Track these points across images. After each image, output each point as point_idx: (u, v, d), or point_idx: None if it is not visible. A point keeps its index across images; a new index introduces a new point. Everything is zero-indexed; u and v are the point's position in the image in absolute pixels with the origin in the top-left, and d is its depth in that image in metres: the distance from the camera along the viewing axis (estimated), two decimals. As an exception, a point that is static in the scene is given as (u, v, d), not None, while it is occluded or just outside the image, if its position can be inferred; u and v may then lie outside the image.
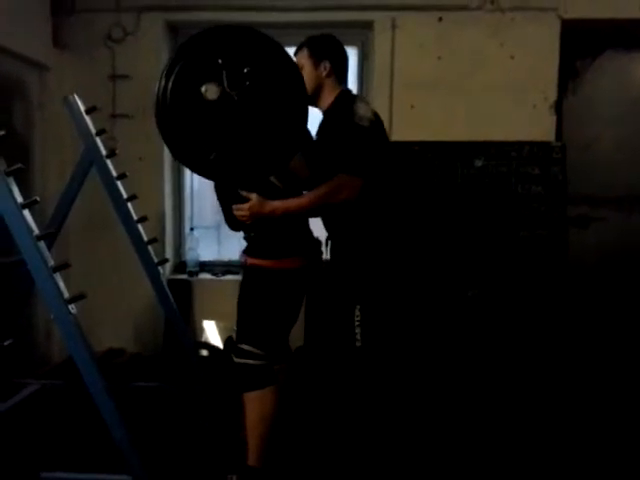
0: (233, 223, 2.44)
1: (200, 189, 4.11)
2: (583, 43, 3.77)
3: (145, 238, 2.97)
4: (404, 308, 2.50)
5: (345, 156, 2.24)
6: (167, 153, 3.60)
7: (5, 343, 2.99)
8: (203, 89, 1.95)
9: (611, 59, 3.83)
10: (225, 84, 1.97)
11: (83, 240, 3.85)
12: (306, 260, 2.44)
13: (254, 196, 2.27)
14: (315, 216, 2.53)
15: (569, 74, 3.79)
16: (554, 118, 3.63)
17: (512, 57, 3.60)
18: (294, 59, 2.24)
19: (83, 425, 2.54)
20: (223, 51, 2.00)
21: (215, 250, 4.10)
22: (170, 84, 1.98)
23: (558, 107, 3.67)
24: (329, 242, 2.53)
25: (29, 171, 3.61)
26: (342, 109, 2.34)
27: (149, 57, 3.68)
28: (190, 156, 2.07)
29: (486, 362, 3.44)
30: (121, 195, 2.89)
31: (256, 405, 2.33)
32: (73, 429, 2.67)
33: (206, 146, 2.02)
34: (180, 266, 4.09)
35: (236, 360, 2.35)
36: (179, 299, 3.81)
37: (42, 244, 2.08)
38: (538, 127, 3.62)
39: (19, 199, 2.07)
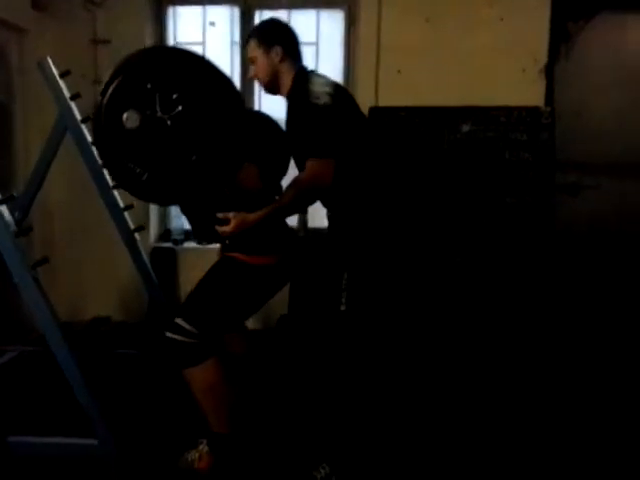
0: (202, 236, 2.42)
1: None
2: (576, 4, 3.65)
3: (121, 204, 2.94)
4: (392, 274, 2.46)
5: (309, 140, 2.18)
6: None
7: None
8: (124, 117, 1.93)
9: (605, 21, 3.70)
10: (157, 108, 1.96)
11: (68, 209, 3.84)
12: (281, 256, 2.39)
13: (232, 215, 2.19)
14: (304, 208, 2.49)
15: (561, 37, 3.68)
16: (544, 83, 3.55)
17: (501, 19, 3.51)
18: (225, 76, 2.16)
19: (58, 391, 2.53)
20: (153, 76, 1.98)
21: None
22: (106, 101, 1.97)
23: (549, 72, 3.58)
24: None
25: (10, 136, 3.57)
26: (299, 91, 2.28)
27: (130, 21, 3.62)
28: (123, 176, 2.05)
29: (471, 329, 3.41)
30: (96, 161, 2.85)
31: (198, 379, 2.26)
32: (47, 395, 2.66)
33: (139, 167, 2.01)
34: (165, 234, 4.07)
35: (167, 334, 2.26)
36: (164, 267, 3.81)
37: (3, 208, 2.04)
38: (527, 92, 3.54)
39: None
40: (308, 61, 2.44)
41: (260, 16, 3.83)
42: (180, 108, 1.98)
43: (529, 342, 3.36)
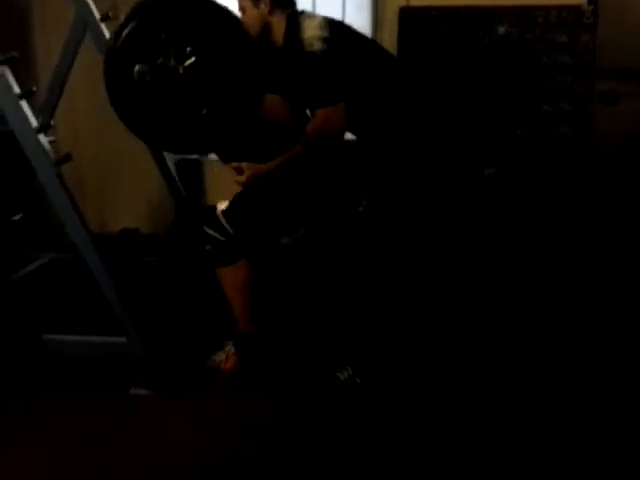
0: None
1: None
2: None
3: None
4: (415, 186, 2.39)
5: (312, 91, 2.14)
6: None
7: (15, 217, 3.03)
8: (136, 70, 1.87)
9: None
10: (170, 57, 1.92)
11: (93, 122, 3.77)
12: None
13: (245, 165, 2.23)
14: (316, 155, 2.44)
15: None
16: (588, -21, 3.30)
17: None
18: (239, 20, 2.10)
19: (89, 295, 2.58)
20: (167, 24, 1.93)
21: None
22: (118, 48, 1.92)
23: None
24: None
25: (27, 32, 3.50)
26: (292, 42, 2.19)
27: None
28: (134, 124, 2.03)
29: (498, 243, 3.33)
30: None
31: (228, 278, 2.33)
32: (79, 298, 2.72)
33: (150, 115, 1.99)
34: (191, 145, 4.01)
35: (205, 229, 2.29)
36: (190, 179, 3.78)
37: (24, 103, 2.01)
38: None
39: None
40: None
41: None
42: (194, 58, 1.95)
43: (560, 269, 3.26)
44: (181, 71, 1.94)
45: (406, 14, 3.37)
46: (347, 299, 2.47)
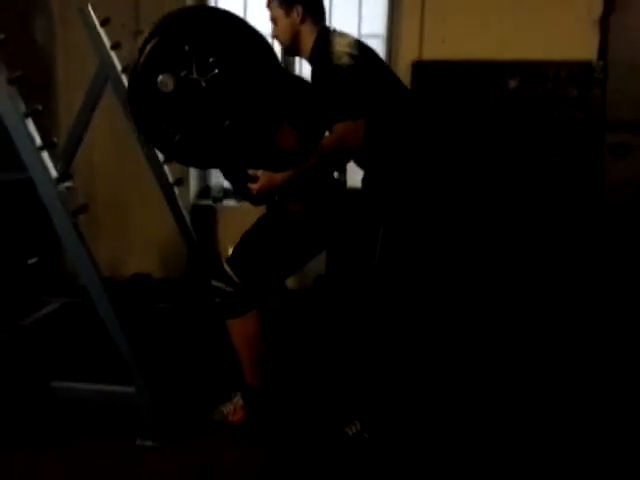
0: (252, 199, 2.40)
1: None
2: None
3: (161, 158, 2.93)
4: (430, 231, 2.40)
5: (336, 104, 2.11)
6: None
7: (29, 261, 3.06)
8: (159, 80, 1.88)
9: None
10: (193, 69, 1.92)
11: (109, 163, 3.85)
12: (331, 203, 2.40)
13: (260, 173, 2.21)
14: (333, 169, 2.47)
15: (618, -13, 3.48)
16: (597, 35, 3.36)
17: (554, -34, 3.33)
18: (262, 37, 2.11)
19: (100, 340, 2.58)
20: (191, 38, 1.93)
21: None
22: (142, 62, 1.93)
23: (604, 23, 3.39)
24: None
25: (53, 86, 3.59)
26: (321, 53, 2.21)
27: (171, -27, 3.54)
28: (156, 135, 2.02)
29: (511, 290, 3.33)
30: (136, 112, 2.84)
31: (238, 331, 2.32)
32: (89, 344, 2.72)
33: (171, 127, 1.98)
34: (204, 191, 4.06)
35: (212, 282, 2.31)
36: (203, 225, 3.82)
37: (45, 154, 2.05)
38: (579, 46, 3.35)
39: (22, 108, 2.04)
40: (349, 8, 2.35)
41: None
42: (216, 71, 1.95)
43: (572, 308, 3.27)
44: (204, 84, 1.94)
45: (419, 68, 3.43)
46: (357, 353, 2.45)
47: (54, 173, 2.07)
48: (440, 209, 2.39)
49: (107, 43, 2.78)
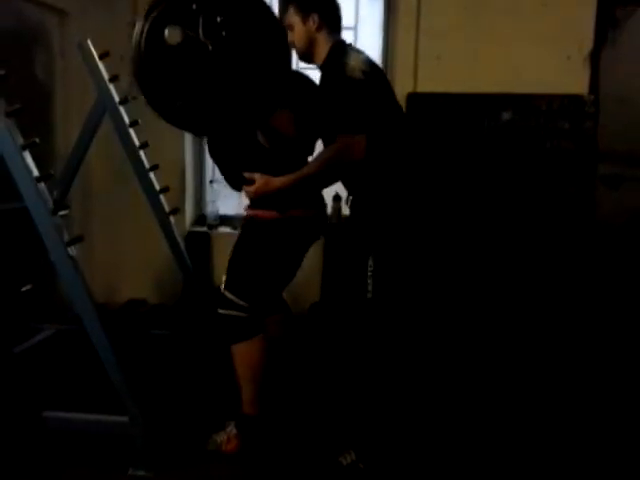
0: (232, 182, 2.42)
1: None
2: (625, -11, 3.52)
3: (157, 187, 2.96)
4: (422, 262, 2.42)
5: (341, 115, 2.12)
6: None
7: (23, 289, 3.06)
8: (166, 32, 1.88)
9: (657, 7, 3.56)
10: (200, 32, 1.90)
11: (106, 190, 3.88)
12: (310, 212, 2.38)
13: (257, 176, 2.23)
14: (329, 184, 2.47)
15: (608, 23, 3.55)
16: (588, 70, 3.44)
17: (544, 5, 3.40)
18: (275, 14, 2.14)
19: (93, 369, 2.58)
20: None
21: (235, 203, 4.06)
22: (146, 28, 1.94)
23: (595, 59, 3.46)
24: (348, 197, 2.46)
25: (51, 117, 3.63)
26: (334, 63, 2.23)
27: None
28: (159, 102, 2.02)
29: (503, 322, 3.35)
30: (133, 143, 2.88)
31: (243, 356, 2.32)
32: (82, 372, 2.71)
33: (174, 93, 1.97)
34: (200, 219, 4.09)
35: (220, 311, 2.33)
36: (199, 252, 3.84)
37: (41, 186, 2.07)
38: (571, 80, 3.43)
39: (19, 141, 2.07)
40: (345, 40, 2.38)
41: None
42: (224, 33, 1.92)
43: (565, 337, 3.28)
44: (210, 47, 1.92)
45: (414, 100, 3.49)
46: (352, 382, 2.45)
47: (50, 204, 2.08)
48: (431, 240, 2.40)
49: (105, 76, 2.81)
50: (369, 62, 2.25)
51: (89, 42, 2.83)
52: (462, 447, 2.48)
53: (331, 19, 2.32)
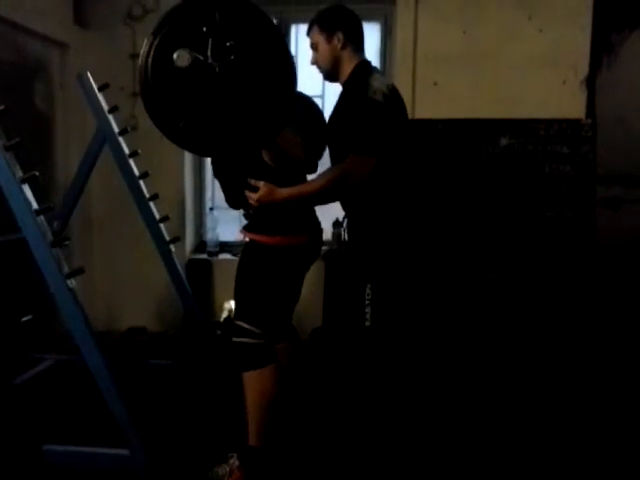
0: (232, 201, 2.41)
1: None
2: (620, 14, 3.55)
3: (157, 216, 2.97)
4: (421, 289, 2.40)
5: (356, 134, 2.13)
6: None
7: (23, 319, 3.06)
8: (175, 55, 1.89)
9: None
10: (209, 54, 1.91)
11: (106, 219, 3.89)
12: (308, 237, 2.38)
13: (262, 184, 2.21)
14: (330, 201, 2.46)
15: (603, 48, 3.59)
16: (585, 94, 3.46)
17: (540, 30, 3.45)
18: (282, 35, 2.14)
19: (92, 400, 2.56)
20: (209, 19, 1.91)
21: (235, 230, 4.07)
22: (153, 48, 1.93)
23: (591, 83, 3.49)
24: (345, 221, 2.47)
25: (52, 148, 3.65)
26: (357, 82, 2.25)
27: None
28: (163, 121, 2.01)
29: (505, 347, 3.32)
30: (133, 172, 2.90)
31: (255, 384, 2.29)
32: (82, 403, 2.69)
33: (179, 113, 1.96)
34: (200, 246, 4.09)
35: (234, 339, 2.32)
36: (199, 279, 3.83)
37: (41, 218, 2.08)
38: (568, 104, 3.46)
39: (19, 174, 2.08)
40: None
41: (296, 30, 3.84)
42: (232, 57, 1.91)
43: (566, 360, 3.26)
44: (217, 69, 1.90)
45: (412, 126, 3.48)
46: (355, 415, 2.42)
47: (49, 236, 2.09)
48: (430, 266, 2.40)
49: (105, 107, 2.84)
50: (391, 88, 2.27)
51: (89, 74, 2.86)
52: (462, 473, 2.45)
53: (355, 37, 2.33)
